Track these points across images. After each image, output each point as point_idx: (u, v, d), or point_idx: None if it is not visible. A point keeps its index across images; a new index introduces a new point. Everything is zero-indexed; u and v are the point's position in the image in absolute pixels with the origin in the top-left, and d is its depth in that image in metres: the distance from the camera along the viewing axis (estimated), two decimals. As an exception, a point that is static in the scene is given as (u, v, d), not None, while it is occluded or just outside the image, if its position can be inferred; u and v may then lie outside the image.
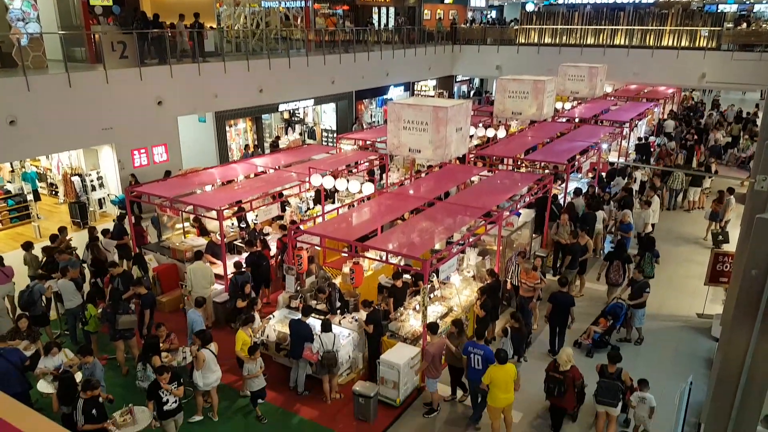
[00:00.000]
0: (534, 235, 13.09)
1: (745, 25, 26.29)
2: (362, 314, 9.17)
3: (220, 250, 11.12)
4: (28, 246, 11.28)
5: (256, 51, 20.64)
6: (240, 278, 10.18)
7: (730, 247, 12.08)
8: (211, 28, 20.45)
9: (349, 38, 24.17)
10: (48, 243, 11.63)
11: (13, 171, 17.41)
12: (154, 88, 16.04)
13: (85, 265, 11.58)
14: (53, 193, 17.75)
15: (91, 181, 16.08)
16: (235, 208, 12.93)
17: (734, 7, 37.69)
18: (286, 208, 14.26)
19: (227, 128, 19.98)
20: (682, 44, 25.07)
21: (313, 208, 14.53)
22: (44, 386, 7.85)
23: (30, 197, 16.04)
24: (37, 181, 16.72)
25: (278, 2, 24.59)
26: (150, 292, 9.71)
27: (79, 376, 7.77)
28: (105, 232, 12.27)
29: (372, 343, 9.04)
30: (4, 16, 14.98)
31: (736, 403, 3.70)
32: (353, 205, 12.55)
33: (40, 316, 9.83)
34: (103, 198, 16.36)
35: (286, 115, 24.14)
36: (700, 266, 12.60)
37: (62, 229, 12.10)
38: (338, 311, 9.80)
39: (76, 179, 15.94)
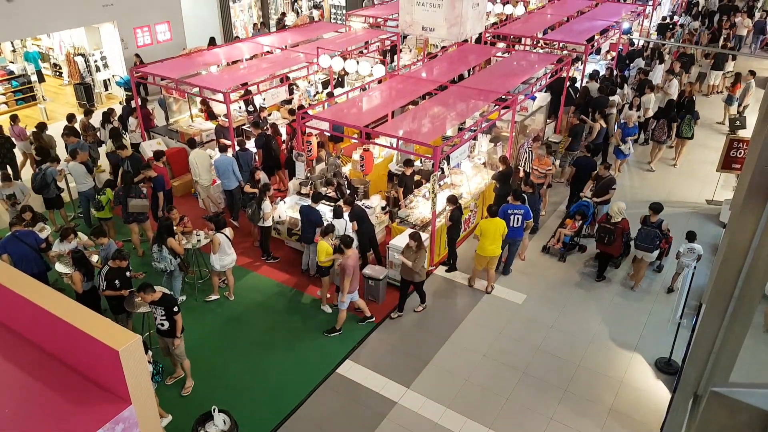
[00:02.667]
0: (548, 120, 12.90)
1: None
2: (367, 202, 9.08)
3: (229, 134, 11.06)
4: (42, 127, 11.24)
5: None
6: (243, 156, 10.18)
7: (747, 133, 11.90)
8: None
9: None
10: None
11: (14, 51, 16.91)
12: (152, -40, 15.09)
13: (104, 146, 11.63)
14: (57, 74, 17.37)
15: (95, 61, 15.67)
16: (242, 91, 12.66)
17: None
18: (295, 91, 13.96)
19: (231, 4, 19.01)
20: None
21: (321, 92, 14.21)
22: (62, 267, 7.92)
23: (34, 78, 15.72)
24: (39, 61, 16.28)
25: None
26: (160, 175, 9.66)
27: (95, 258, 7.99)
28: (112, 111, 12.14)
29: (361, 239, 8.75)
30: None
31: (740, 282, 3.81)
32: (364, 89, 12.25)
33: (54, 199, 9.96)
34: (108, 79, 16.02)
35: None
36: (714, 152, 12.51)
37: (88, 112, 12.00)
38: (351, 200, 9.87)
39: (79, 59, 15.52)
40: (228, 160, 9.96)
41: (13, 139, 11.47)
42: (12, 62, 16.35)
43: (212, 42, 16.87)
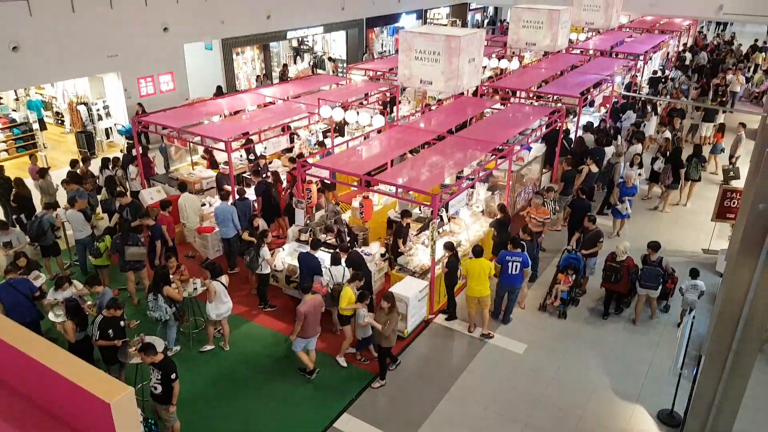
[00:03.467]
0: (544, 169, 13.08)
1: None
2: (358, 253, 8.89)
3: (230, 182, 11.16)
4: (43, 172, 11.34)
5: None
6: (241, 205, 10.24)
7: (741, 183, 12.07)
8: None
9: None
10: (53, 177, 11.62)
11: (17, 99, 17.24)
12: (160, 14, 15.63)
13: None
14: (59, 122, 17.65)
15: (98, 110, 15.95)
16: (243, 140, 12.87)
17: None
18: (295, 140, 14.19)
19: (234, 56, 19.56)
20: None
21: (322, 140, 14.45)
22: (54, 317, 7.85)
23: (36, 126, 15.96)
24: (42, 109, 16.59)
25: None
26: (157, 223, 9.67)
27: (89, 302, 7.88)
28: (116, 160, 12.30)
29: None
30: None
31: (737, 335, 3.79)
32: (365, 138, 12.47)
33: (50, 246, 9.92)
34: (110, 127, 16.28)
35: (294, 44, 23.54)
36: (708, 202, 12.66)
37: (84, 159, 12.17)
38: (348, 247, 9.90)
39: (82, 108, 15.81)
40: (228, 208, 10.01)
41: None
42: (15, 110, 16.63)
43: (219, 90, 17.33)
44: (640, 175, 12.40)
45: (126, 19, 14.84)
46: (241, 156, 13.18)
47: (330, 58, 23.98)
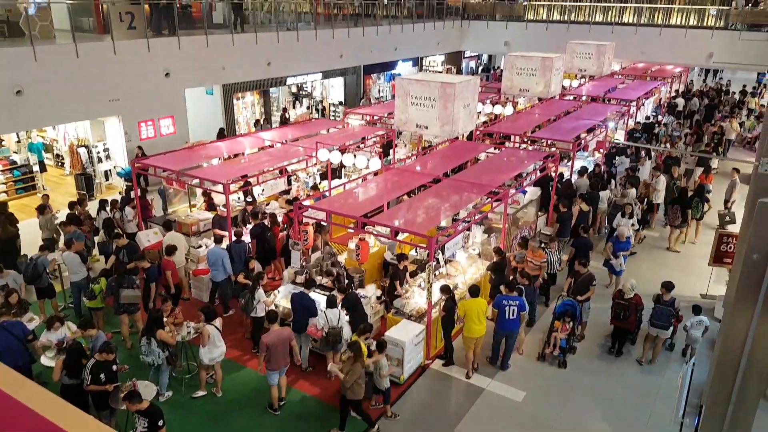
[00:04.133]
0: (539, 213, 13.17)
1: (752, 5, 25.87)
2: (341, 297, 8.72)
3: (227, 224, 11.19)
4: (42, 209, 11.37)
5: (264, 23, 20.45)
6: (237, 248, 10.24)
7: (737, 227, 12.13)
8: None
9: (358, 12, 23.90)
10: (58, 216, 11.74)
11: (19, 141, 17.42)
12: (162, 60, 15.97)
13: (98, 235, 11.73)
14: (59, 164, 17.80)
15: (98, 152, 16.12)
16: (242, 182, 12.97)
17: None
18: (293, 182, 14.31)
19: (235, 101, 19.92)
20: (690, 23, 24.75)
21: (320, 183, 14.58)
22: (47, 360, 7.76)
23: (36, 168, 16.09)
24: (43, 152, 16.75)
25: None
26: (153, 266, 9.66)
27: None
28: (114, 203, 12.35)
29: (353, 328, 8.50)
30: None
31: (736, 386, 3.75)
32: (362, 180, 12.58)
33: (45, 288, 9.88)
34: (110, 170, 16.41)
35: (293, 89, 24.03)
36: (704, 246, 12.71)
37: (81, 201, 12.24)
38: (345, 288, 9.86)
39: (82, 151, 15.97)
40: (220, 252, 10.00)
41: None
42: (16, 152, 16.80)
43: (221, 132, 17.60)
44: (633, 226, 12.33)
45: (129, 65, 15.16)
46: (239, 198, 13.26)
47: (341, 102, 24.41)
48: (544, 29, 26.74)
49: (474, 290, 8.72)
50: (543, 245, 10.94)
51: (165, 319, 8.20)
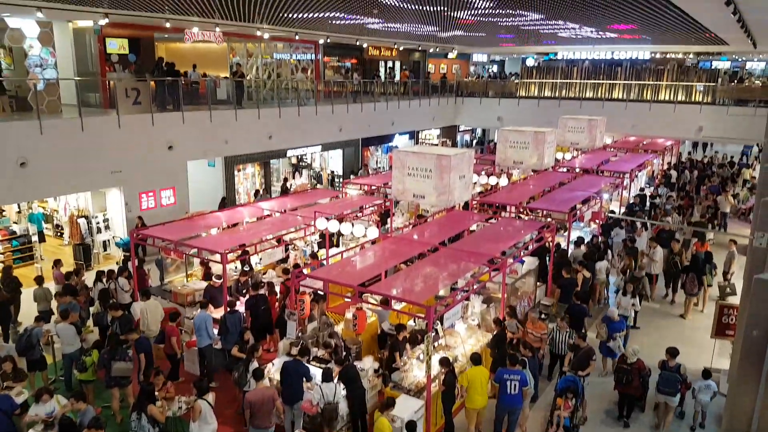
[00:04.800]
0: (538, 283, 13.10)
1: (737, 81, 27.01)
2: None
3: (220, 294, 11.09)
4: (39, 281, 11.36)
5: (267, 99, 21.21)
6: (231, 318, 10.09)
7: (738, 299, 12.05)
8: (225, 77, 21.10)
9: (357, 89, 24.88)
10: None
11: (20, 212, 17.57)
12: (166, 133, 16.42)
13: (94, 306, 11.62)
14: (58, 234, 17.86)
15: (98, 223, 16.22)
16: (239, 251, 12.99)
17: (727, 64, 38.84)
18: (291, 251, 14.32)
19: (236, 172, 20.31)
20: (679, 98, 25.70)
21: (318, 251, 14.59)
22: None
23: (35, 238, 16.14)
24: (43, 222, 16.87)
25: (290, 55, 25.46)
26: (142, 337, 9.56)
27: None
28: (110, 273, 12.30)
29: (350, 402, 8.34)
30: (23, 61, 15.51)
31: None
32: (359, 249, 12.60)
33: (37, 360, 9.68)
34: (108, 240, 16.45)
35: (294, 160, 24.57)
36: (705, 318, 12.56)
37: (77, 271, 12.24)
38: (343, 360, 9.63)
39: (82, 221, 16.08)
40: (203, 316, 9.93)
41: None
42: (16, 222, 16.90)
43: (223, 201, 17.78)
44: (633, 305, 11.96)
45: (133, 138, 15.58)
46: (236, 267, 13.22)
47: (353, 172, 24.91)
48: (536, 105, 27.74)
49: (476, 358, 8.56)
50: (543, 316, 10.81)
51: (156, 393, 7.96)
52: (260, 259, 13.03)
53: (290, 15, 18.30)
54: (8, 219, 16.99)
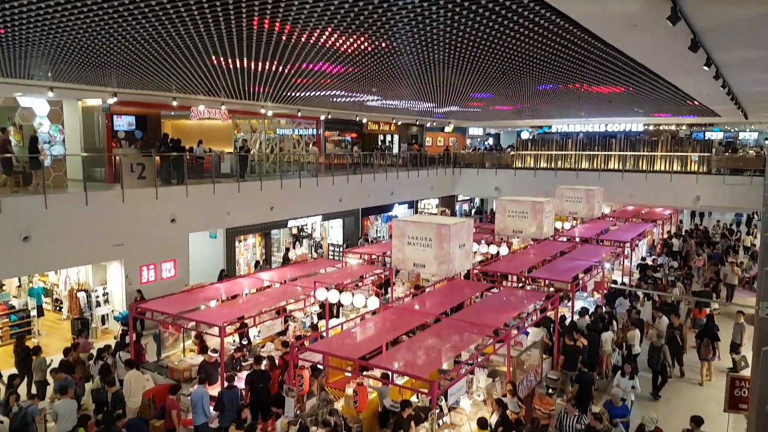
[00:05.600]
0: (544, 355, 12.80)
1: (731, 151, 27.61)
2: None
3: (215, 370, 10.81)
4: (36, 350, 11.31)
5: (269, 172, 21.65)
6: (228, 395, 9.78)
7: (749, 371, 11.74)
8: (229, 152, 21.64)
9: (357, 162, 25.45)
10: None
11: (20, 286, 17.48)
12: (169, 206, 16.62)
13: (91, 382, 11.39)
14: (57, 308, 17.68)
15: (97, 297, 16.10)
16: (238, 324, 12.80)
17: (720, 135, 39.84)
18: (290, 323, 14.10)
19: (237, 243, 20.38)
20: (674, 168, 26.16)
21: (317, 322, 14.38)
22: None
23: (34, 313, 15.97)
24: (42, 296, 16.76)
25: (292, 130, 26.25)
26: (134, 418, 9.31)
27: None
28: (107, 348, 12.09)
29: None
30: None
31: None
32: (360, 320, 12.41)
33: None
34: (107, 314, 16.26)
35: (294, 230, 24.72)
36: (714, 390, 12.19)
37: (75, 345, 12.09)
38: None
39: (81, 295, 15.96)
40: (200, 392, 9.68)
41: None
42: (15, 297, 16.76)
43: (222, 274, 17.74)
44: (633, 388, 11.44)
45: (136, 212, 15.76)
46: (234, 341, 12.98)
47: (367, 239, 24.99)
48: (533, 175, 28.23)
49: (482, 422, 8.19)
50: (551, 391, 10.48)
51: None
52: (259, 331, 12.82)
53: (293, 94, 19.03)
54: (8, 293, 16.88)
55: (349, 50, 11.57)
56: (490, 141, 44.74)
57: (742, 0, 7.37)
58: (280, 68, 13.80)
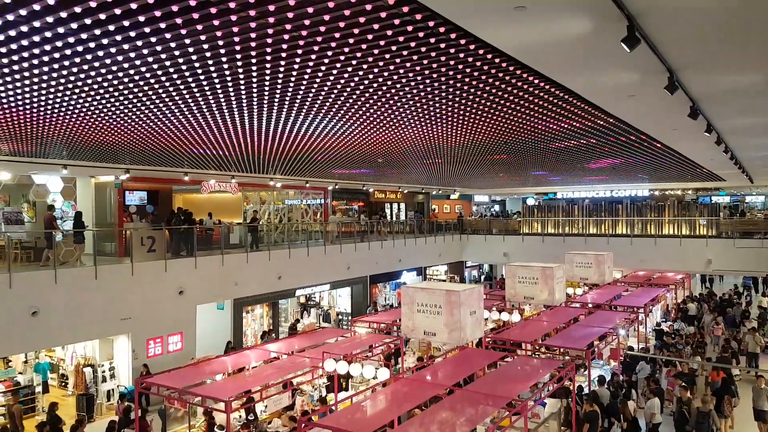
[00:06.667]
0: (563, 428, 12.31)
1: (739, 215, 27.58)
2: None
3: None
4: (41, 427, 11.18)
5: (278, 242, 21.79)
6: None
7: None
8: (238, 223, 21.90)
9: (364, 229, 25.63)
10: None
11: (26, 362, 17.25)
12: (178, 279, 16.65)
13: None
14: (63, 384, 17.35)
15: (103, 372, 15.84)
16: (244, 399, 12.46)
17: (726, 199, 39.96)
18: (297, 396, 13.71)
19: (244, 314, 20.21)
20: (683, 233, 26.08)
21: (326, 395, 13.97)
22: None
23: (39, 389, 15.68)
24: (48, 372, 16.49)
25: (300, 200, 26.65)
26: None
27: None
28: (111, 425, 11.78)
29: None
30: (43, 213, 16.27)
31: None
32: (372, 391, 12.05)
33: None
34: (112, 389, 15.93)
35: (302, 299, 24.54)
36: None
37: (81, 421, 11.83)
38: None
39: (88, 370, 15.72)
40: None
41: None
42: (21, 373, 16.50)
43: (228, 346, 17.50)
44: None
45: (145, 285, 15.78)
46: (240, 416, 12.60)
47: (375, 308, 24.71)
48: (541, 241, 28.21)
49: None
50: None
51: None
52: (266, 406, 12.44)
53: (302, 167, 19.50)
54: (14, 369, 16.64)
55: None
56: (496, 207, 45.06)
57: (738, 69, 7.64)
58: (290, 148, 14.29)
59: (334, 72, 7.74)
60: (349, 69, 7.61)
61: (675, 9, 5.36)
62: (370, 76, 8.01)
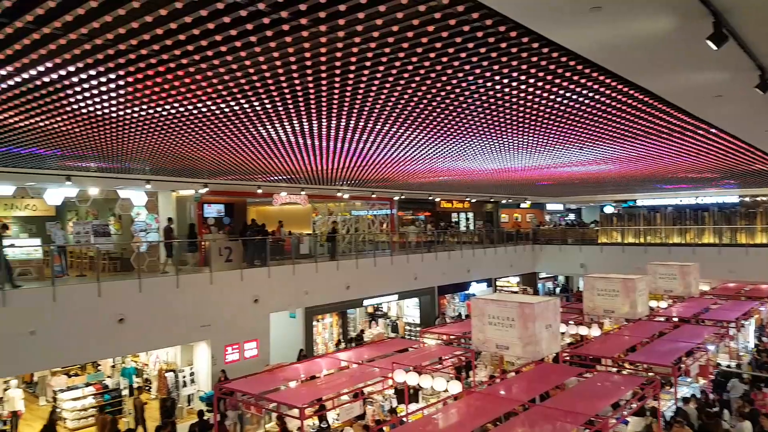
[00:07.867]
0: (646, 449, 11.60)
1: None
2: None
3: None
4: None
5: (345, 252, 22.05)
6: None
7: None
8: (308, 234, 22.38)
9: (431, 240, 25.46)
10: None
11: (114, 366, 18.31)
12: (253, 288, 17.18)
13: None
14: (147, 388, 18.26)
15: (184, 377, 16.52)
16: (317, 407, 12.60)
17: (825, 203, 36.65)
18: (368, 405, 13.71)
19: (314, 323, 20.55)
20: (777, 240, 24.15)
21: (397, 406, 13.88)
22: None
23: (125, 392, 16.56)
24: (134, 376, 17.40)
25: (366, 211, 26.91)
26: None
27: None
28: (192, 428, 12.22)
29: None
30: (129, 227, 17.29)
31: None
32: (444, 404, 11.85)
33: None
34: (192, 394, 16.58)
35: (370, 309, 24.66)
36: None
37: (165, 424, 12.37)
38: None
39: (169, 375, 16.45)
40: None
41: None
42: (109, 377, 17.52)
43: (301, 354, 17.84)
44: None
45: (222, 293, 16.37)
46: (313, 423, 12.75)
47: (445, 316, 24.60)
48: (621, 251, 26.90)
49: None
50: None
51: None
52: (338, 414, 12.52)
53: (368, 178, 19.66)
54: (102, 373, 17.70)
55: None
56: (572, 216, 43.51)
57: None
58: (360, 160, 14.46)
59: (402, 82, 7.74)
60: (417, 78, 7.59)
61: (765, 3, 4.98)
62: (438, 85, 7.95)
